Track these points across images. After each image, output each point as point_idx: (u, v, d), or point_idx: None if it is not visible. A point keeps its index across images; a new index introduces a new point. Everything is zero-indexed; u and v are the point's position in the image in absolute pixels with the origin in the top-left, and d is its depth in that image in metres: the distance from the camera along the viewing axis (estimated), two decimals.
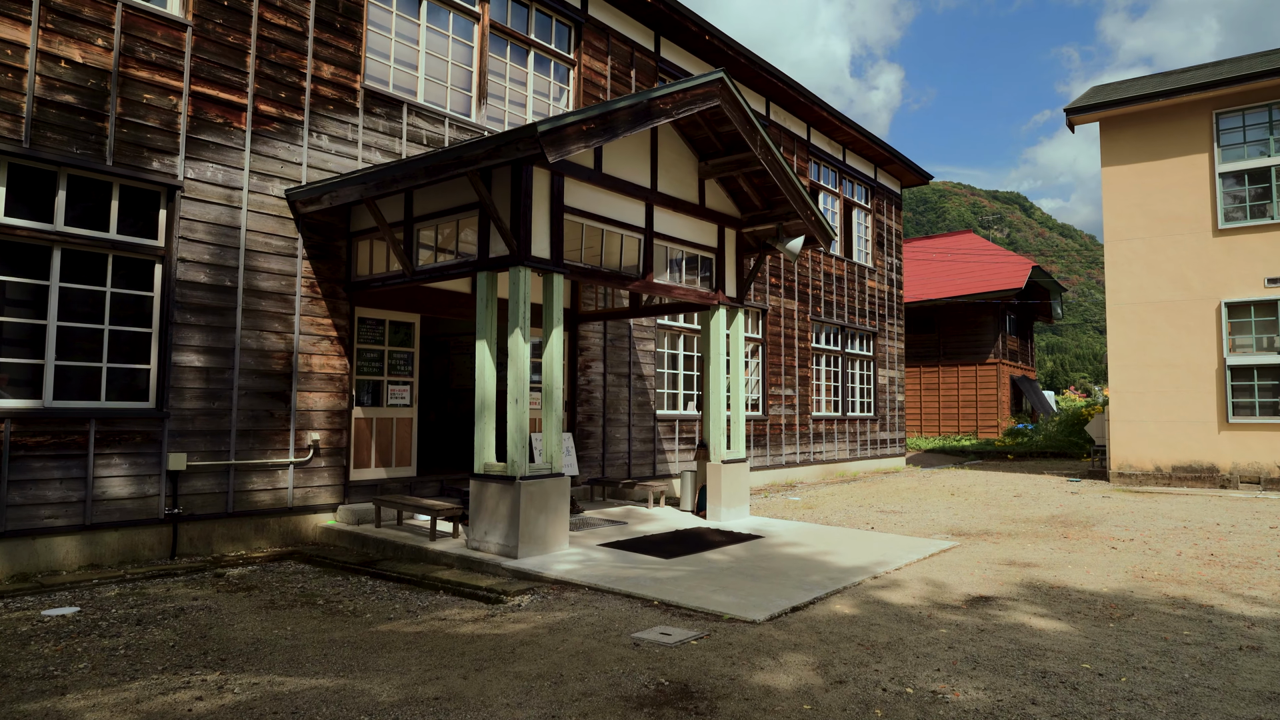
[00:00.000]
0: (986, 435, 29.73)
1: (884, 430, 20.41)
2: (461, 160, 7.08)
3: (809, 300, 17.60)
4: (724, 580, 6.69)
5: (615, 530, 9.01)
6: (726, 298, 10.26)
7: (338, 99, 9.17)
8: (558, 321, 7.79)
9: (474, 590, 6.52)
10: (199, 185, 7.99)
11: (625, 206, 8.83)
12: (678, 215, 9.56)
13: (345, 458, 9.09)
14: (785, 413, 16.58)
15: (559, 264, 7.84)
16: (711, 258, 10.17)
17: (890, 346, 20.96)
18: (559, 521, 7.63)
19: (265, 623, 5.54)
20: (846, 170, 19.40)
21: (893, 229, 21.66)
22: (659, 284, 9.28)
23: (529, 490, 7.36)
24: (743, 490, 10.24)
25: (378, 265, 8.97)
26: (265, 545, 8.37)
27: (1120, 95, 16.37)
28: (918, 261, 33.83)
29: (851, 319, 19.24)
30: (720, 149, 9.65)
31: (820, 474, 17.65)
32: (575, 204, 8.19)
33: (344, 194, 8.15)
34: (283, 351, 8.57)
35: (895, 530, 9.93)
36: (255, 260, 8.40)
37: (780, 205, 10.15)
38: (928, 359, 31.57)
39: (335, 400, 9.00)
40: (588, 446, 12.10)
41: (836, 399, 18.76)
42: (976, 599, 6.28)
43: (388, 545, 8.04)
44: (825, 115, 17.60)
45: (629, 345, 12.92)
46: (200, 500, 7.90)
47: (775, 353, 16.41)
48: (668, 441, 13.60)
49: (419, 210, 8.49)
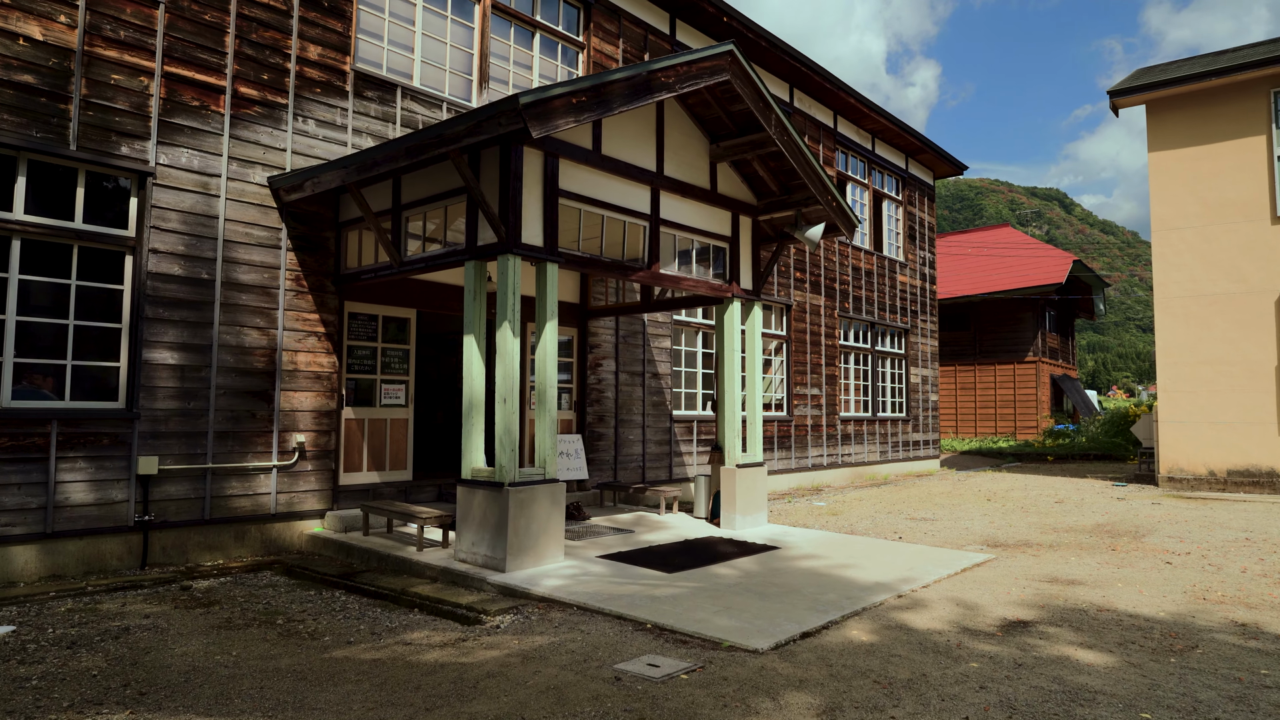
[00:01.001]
0: (1025, 436, 28.58)
1: (916, 431, 19.53)
2: (443, 139, 6.51)
3: (836, 295, 16.82)
4: (729, 599, 6.04)
5: (619, 540, 8.39)
6: (741, 290, 9.58)
7: (325, 81, 8.66)
8: (552, 315, 7.19)
9: (452, 608, 5.94)
10: (173, 172, 7.52)
11: (628, 191, 8.20)
12: (686, 201, 8.90)
13: (334, 461, 8.57)
14: (811, 413, 15.83)
15: (553, 252, 7.23)
16: (725, 247, 9.50)
17: (923, 344, 20.07)
18: (552, 531, 7.03)
19: (211, 646, 5.00)
20: (876, 160, 18.58)
21: (925, 221, 20.76)
22: (666, 275, 8.63)
23: (518, 497, 6.76)
24: (759, 496, 9.56)
25: (367, 257, 8.44)
26: (245, 554, 7.87)
27: (1168, 76, 15.36)
28: (952, 256, 32.72)
29: (882, 315, 18.41)
30: (732, 129, 8.97)
31: (848, 477, 16.86)
32: (572, 188, 7.58)
33: (326, 180, 7.63)
34: (265, 348, 8.07)
35: (925, 540, 9.18)
36: (235, 252, 7.91)
37: (799, 190, 9.44)
38: (963, 357, 30.48)
39: (323, 400, 8.48)
40: (598, 449, 11.49)
41: (866, 399, 17.94)
42: (1013, 624, 5.55)
43: (372, 555, 7.50)
44: (853, 102, 16.81)
45: (643, 342, 12.29)
46: (174, 507, 7.42)
47: (800, 350, 15.66)
48: (685, 444, 12.94)
49: (407, 197, 7.94)
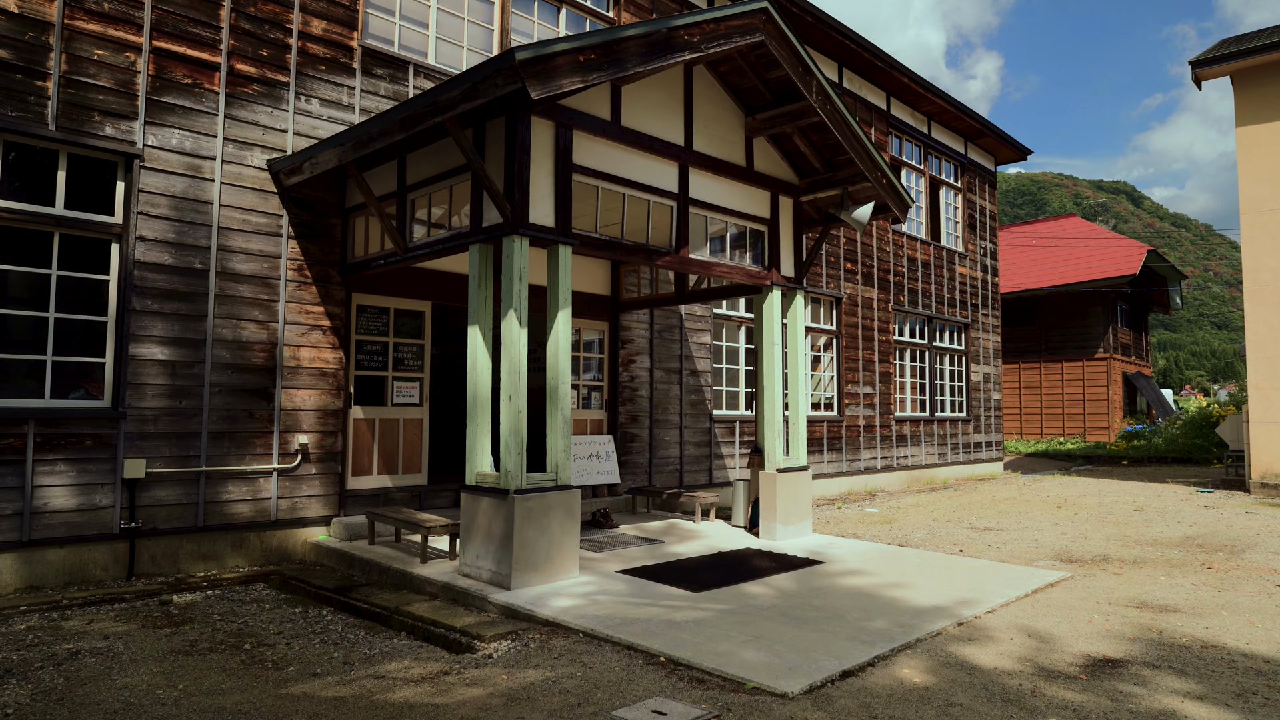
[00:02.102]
0: (1096, 438, 26.96)
1: (978, 432, 18.35)
2: (436, 106, 5.85)
3: (890, 288, 15.80)
4: (760, 626, 5.24)
5: (645, 551, 7.64)
6: (782, 277, 8.74)
7: (330, 58, 8.11)
8: (564, 303, 6.48)
9: (445, 632, 5.27)
10: (162, 154, 7.02)
11: (653, 167, 7.45)
12: (719, 179, 8.11)
13: (340, 464, 8.01)
14: (864, 413, 14.85)
15: (565, 234, 6.52)
16: (763, 231, 8.68)
17: (984, 339, 18.87)
18: (565, 544, 6.31)
19: (159, 677, 4.41)
20: (932, 145, 17.47)
21: (986, 209, 19.54)
22: (696, 260, 7.86)
23: (526, 506, 6.06)
24: (803, 504, 8.71)
25: (374, 245, 7.85)
26: (243, 564, 7.35)
27: (1258, 43, 13.97)
28: (1015, 248, 31.15)
29: (940, 309, 17.30)
30: (769, 99, 8.15)
31: (904, 481, 15.82)
32: (588, 163, 6.86)
33: (323, 160, 7.05)
34: (264, 343, 7.54)
35: (989, 554, 8.22)
36: (231, 240, 7.39)
37: (844, 166, 8.57)
38: (1027, 354, 28.93)
39: (328, 398, 7.92)
40: (631, 451, 10.76)
41: (923, 398, 16.86)
42: (1100, 663, 4.64)
43: (373, 567, 6.89)
44: (907, 82, 15.77)
45: (680, 337, 11.53)
46: (164, 513, 6.92)
47: (852, 346, 14.70)
48: (726, 445, 12.13)
49: (412, 178, 7.32)
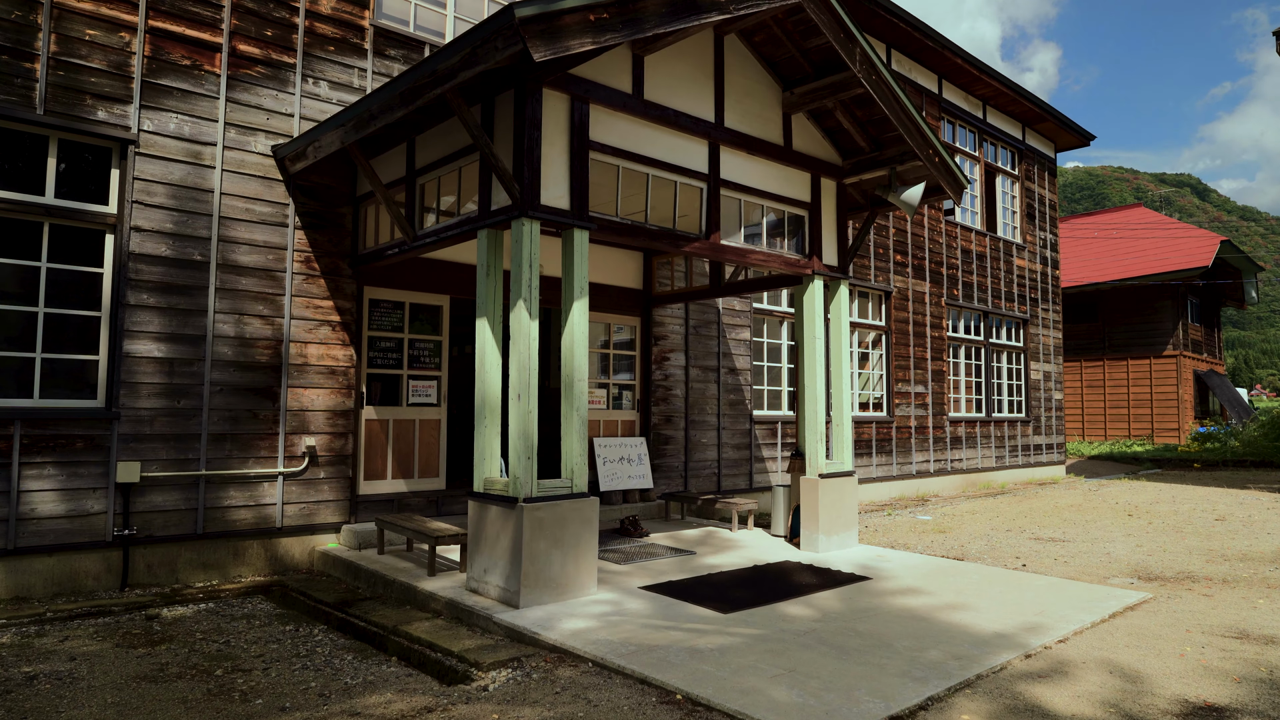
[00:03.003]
0: (1165, 439, 25.51)
1: (1038, 434, 17.31)
2: (436, 75, 5.32)
3: (943, 281, 14.92)
4: (795, 655, 4.59)
5: (675, 564, 7.03)
6: (824, 266, 8.05)
7: (340, 38, 7.67)
8: (580, 293, 5.91)
9: (442, 657, 4.73)
10: (159, 140, 6.64)
11: (680, 146, 6.84)
12: (754, 159, 7.46)
13: (351, 467, 7.56)
14: (915, 413, 14.02)
15: (581, 217, 5.95)
16: (803, 215, 8.00)
17: (1044, 336, 17.82)
18: (581, 557, 5.74)
19: (111, 709, 3.94)
20: (988, 130, 16.51)
21: (1045, 198, 18.47)
22: (729, 247, 7.22)
23: (536, 516, 5.50)
24: (848, 512, 8.01)
25: (385, 235, 7.38)
26: (246, 573, 6.93)
27: None
28: (1075, 240, 29.73)
29: (996, 303, 16.34)
30: (808, 71, 7.47)
31: (959, 485, 14.92)
32: (607, 139, 6.28)
33: (326, 143, 6.59)
34: (269, 339, 7.12)
35: (1057, 569, 7.42)
36: (233, 230, 6.99)
37: (892, 144, 7.85)
38: (1089, 351, 27.55)
39: (338, 398, 7.48)
40: (665, 453, 10.16)
41: (979, 397, 15.92)
42: (1201, 711, 3.89)
43: (378, 580, 6.40)
44: (960, 64, 14.88)
45: (718, 333, 10.89)
46: (161, 519, 6.53)
47: (902, 343, 13.88)
48: (767, 448, 11.45)
49: (421, 161, 6.83)
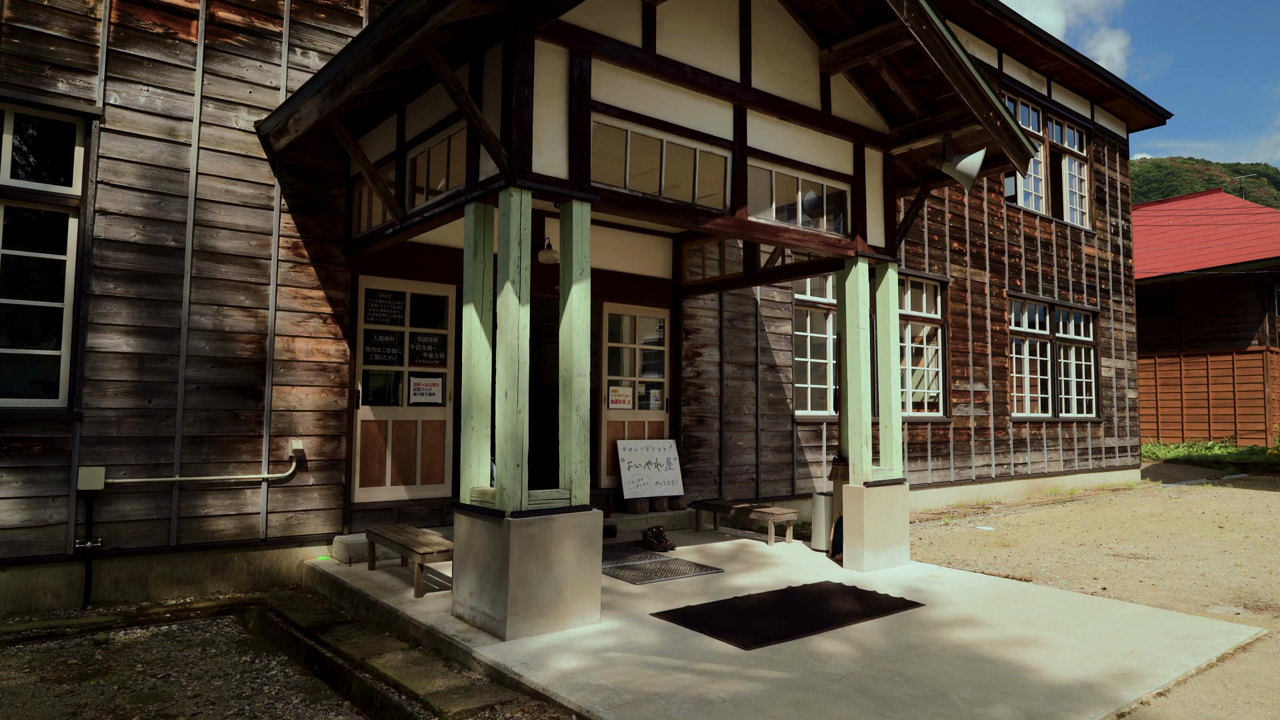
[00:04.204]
0: (1250, 441, 23.70)
1: (1110, 436, 15.99)
2: (406, 22, 4.60)
3: (1005, 271, 13.78)
4: (827, 712, 3.74)
5: (698, 584, 6.21)
6: (869, 247, 7.14)
7: (332, 5, 7.04)
8: (581, 275, 5.14)
9: (405, 702, 4.00)
10: (128, 115, 6.07)
11: (700, 109, 6.02)
12: (786, 125, 6.60)
13: (345, 473, 6.91)
14: (975, 413, 12.93)
15: (582, 187, 5.18)
16: (844, 190, 7.11)
17: (1116, 330, 16.48)
18: (581, 580, 4.96)
19: None
20: (1053, 108, 15.28)
21: (1117, 182, 17.11)
22: (758, 224, 6.37)
23: (526, 533, 4.74)
24: (897, 525, 7.09)
25: (378, 218, 6.72)
26: (226, 589, 6.32)
27: None
28: (1148, 229, 27.95)
29: (1063, 295, 15.10)
30: (849, 25, 6.58)
31: (1023, 491, 13.76)
32: (612, 99, 5.50)
33: (305, 113, 5.94)
34: (252, 333, 6.51)
35: (1144, 593, 6.40)
36: (212, 213, 6.39)
37: (946, 107, 6.91)
38: (1164, 347, 25.81)
39: (329, 397, 6.85)
40: (698, 457, 9.34)
41: (1044, 396, 14.72)
42: None
43: (361, 600, 5.72)
44: (1023, 35, 13.71)
45: (755, 326, 10.03)
46: (129, 530, 5.96)
47: (960, 337, 12.80)
48: (811, 451, 10.54)
49: (411, 133, 6.14)
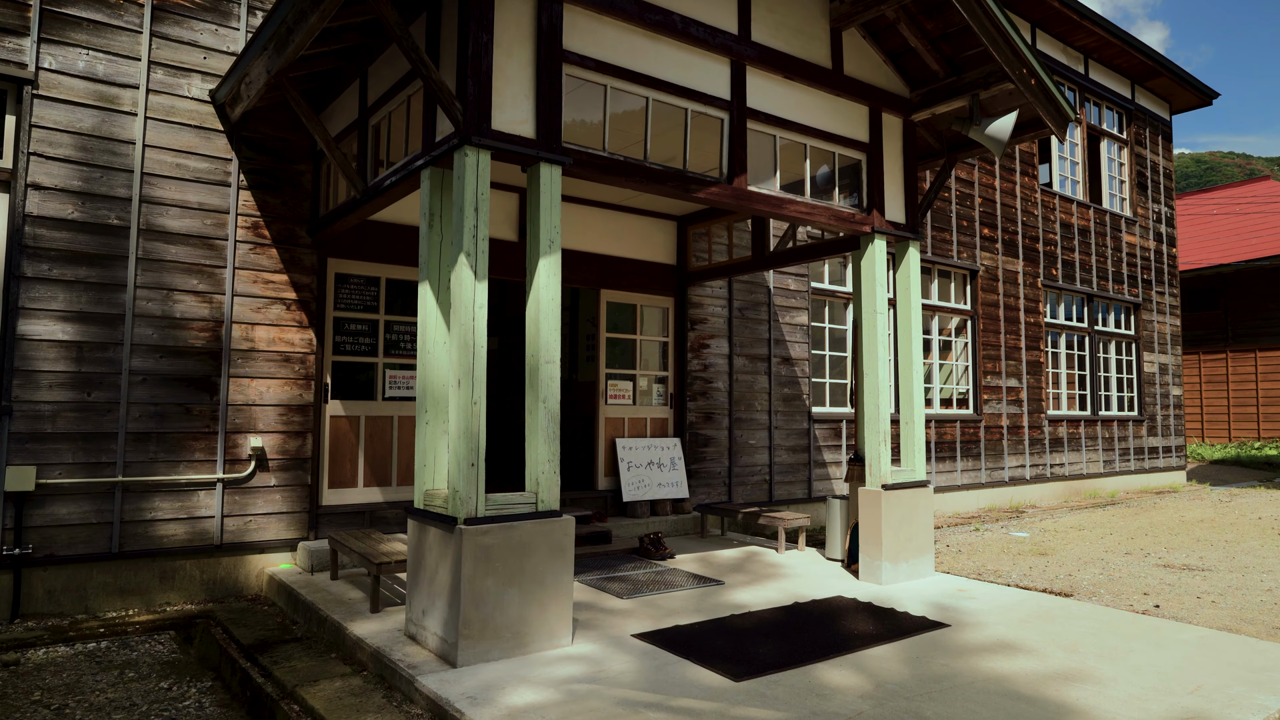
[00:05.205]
0: None
1: (1154, 435, 15.04)
2: None
3: (1039, 259, 12.92)
4: None
5: (693, 599, 5.54)
6: (887, 223, 6.43)
7: None
8: (550, 248, 4.50)
9: None
10: (64, 80, 5.54)
11: (692, 64, 5.36)
12: (793, 85, 5.91)
13: (311, 473, 6.34)
14: (1008, 411, 12.10)
15: (550, 147, 4.54)
16: (859, 159, 6.39)
17: (1159, 323, 15.51)
18: (549, 597, 4.32)
19: None
20: (1090, 88, 14.37)
21: (1160, 167, 16.12)
22: (759, 194, 5.69)
23: (480, 543, 4.11)
24: (920, 532, 6.36)
25: (343, 195, 6.13)
26: (175, 600, 5.77)
27: None
28: (1192, 218, 26.72)
29: (1102, 285, 14.19)
30: None
31: (1060, 494, 12.89)
32: (588, 50, 4.85)
33: (255, 75, 5.37)
34: (206, 320, 5.96)
35: (1203, 611, 5.62)
36: (161, 189, 5.85)
37: (973, 64, 6.17)
38: (1210, 343, 24.60)
39: (294, 390, 6.28)
40: (705, 457, 8.67)
41: (1083, 393, 13.82)
42: None
43: (314, 615, 5.13)
44: (1058, 7, 12.82)
45: (769, 316, 9.33)
46: (66, 535, 5.42)
47: (991, 329, 11.99)
48: (830, 450, 9.82)
49: (372, 97, 5.55)
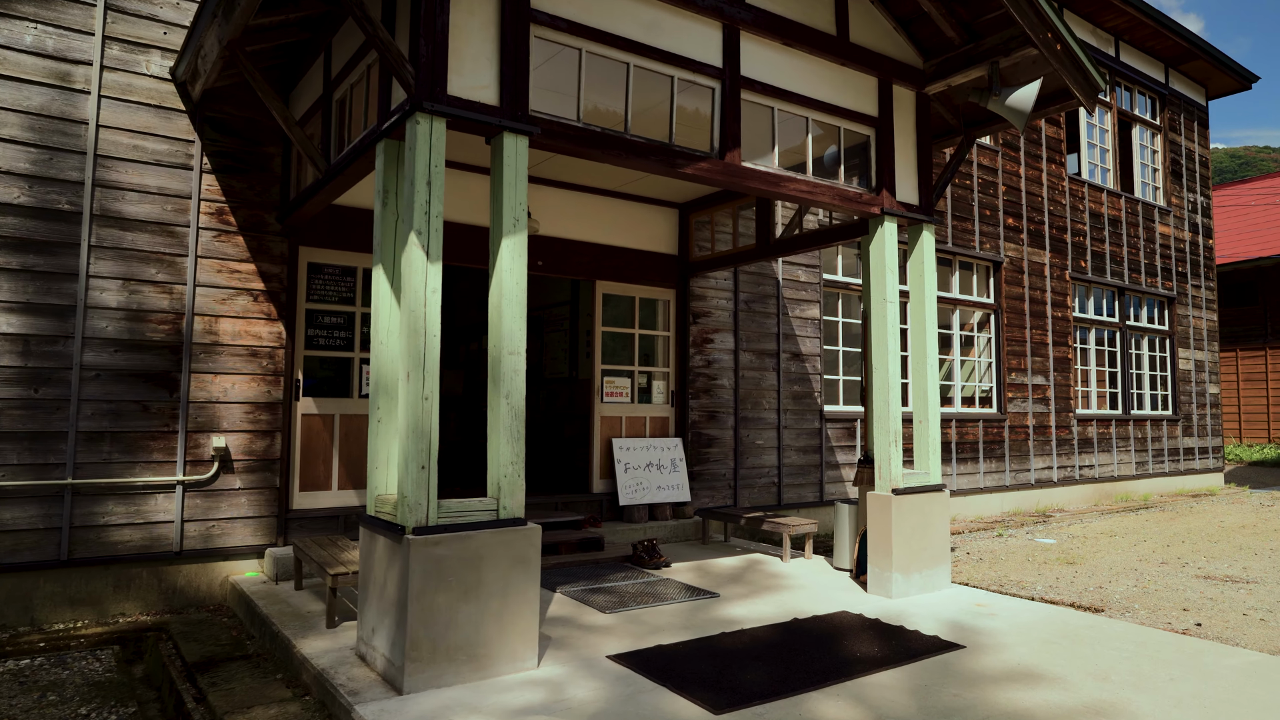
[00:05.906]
0: None
1: (1189, 435, 14.33)
2: None
3: (1067, 251, 12.30)
4: None
5: (682, 613, 5.08)
6: (898, 204, 5.92)
7: None
8: (514, 226, 4.06)
9: None
10: (10, 55, 5.20)
11: (679, 27, 4.90)
12: (792, 52, 5.43)
13: (281, 475, 5.95)
14: (1034, 409, 11.50)
15: (515, 115, 4.10)
16: (867, 135, 5.90)
17: (1195, 318, 14.79)
18: (512, 615, 3.88)
19: None
20: (1121, 70, 13.70)
21: (1195, 154, 15.39)
22: (755, 170, 5.21)
23: (431, 554, 3.68)
24: (936, 540, 5.85)
25: (309, 177, 5.75)
26: (131, 610, 5.41)
27: None
28: (1228, 209, 25.79)
29: (1134, 278, 13.52)
30: None
31: (1090, 497, 12.26)
32: (559, 9, 4.41)
33: (209, 47, 4.99)
34: (165, 312, 5.59)
35: (1251, 630, 5.07)
36: (117, 172, 5.49)
37: (992, 29, 5.65)
38: (1249, 339, 23.69)
39: (261, 386, 5.90)
40: (709, 458, 8.20)
41: (1113, 391, 13.17)
42: None
43: (267, 629, 4.73)
44: None
45: (777, 309, 8.84)
46: (10, 541, 5.07)
47: (1016, 324, 11.40)
48: (843, 451, 9.31)
49: (336, 67, 5.15)
